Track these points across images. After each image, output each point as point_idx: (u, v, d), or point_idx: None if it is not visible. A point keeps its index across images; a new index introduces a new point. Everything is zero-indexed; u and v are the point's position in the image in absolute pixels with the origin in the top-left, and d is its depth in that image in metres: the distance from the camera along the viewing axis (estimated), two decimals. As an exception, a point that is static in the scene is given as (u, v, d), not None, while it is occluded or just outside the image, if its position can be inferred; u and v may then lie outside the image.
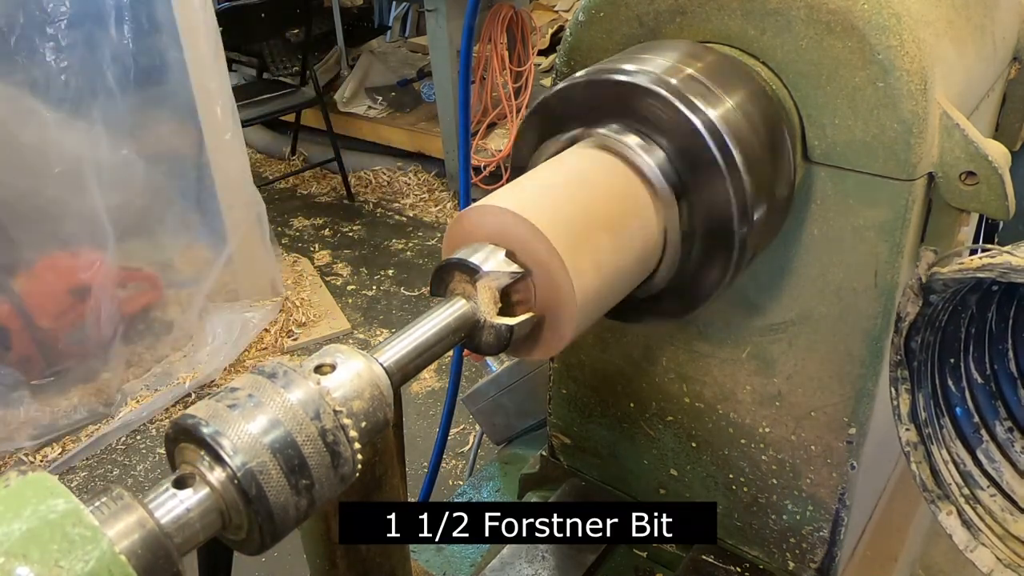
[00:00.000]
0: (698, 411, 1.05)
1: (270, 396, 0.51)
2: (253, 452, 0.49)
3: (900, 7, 0.77)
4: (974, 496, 0.86)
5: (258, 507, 0.49)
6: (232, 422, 0.49)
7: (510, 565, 1.09)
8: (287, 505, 0.50)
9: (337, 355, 0.56)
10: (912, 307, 0.79)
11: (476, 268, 0.64)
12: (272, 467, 0.49)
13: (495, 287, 0.64)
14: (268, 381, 0.52)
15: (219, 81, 3.16)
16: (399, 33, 6.03)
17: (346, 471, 0.53)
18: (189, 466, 0.50)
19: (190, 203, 3.32)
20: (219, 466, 0.49)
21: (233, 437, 0.49)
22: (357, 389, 0.55)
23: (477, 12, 1.40)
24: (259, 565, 2.50)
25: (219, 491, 0.49)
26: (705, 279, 0.76)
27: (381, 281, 4.05)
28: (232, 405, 0.50)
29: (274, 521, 0.50)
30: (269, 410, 0.50)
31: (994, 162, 0.77)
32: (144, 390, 3.17)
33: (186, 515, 0.48)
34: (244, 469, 0.48)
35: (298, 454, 0.50)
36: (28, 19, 2.74)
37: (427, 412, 3.07)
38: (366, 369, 0.56)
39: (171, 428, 0.51)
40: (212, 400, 0.51)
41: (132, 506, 0.46)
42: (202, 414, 0.50)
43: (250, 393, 0.51)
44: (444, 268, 0.66)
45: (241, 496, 0.48)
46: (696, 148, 0.72)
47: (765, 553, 1.08)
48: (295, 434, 0.50)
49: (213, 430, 0.49)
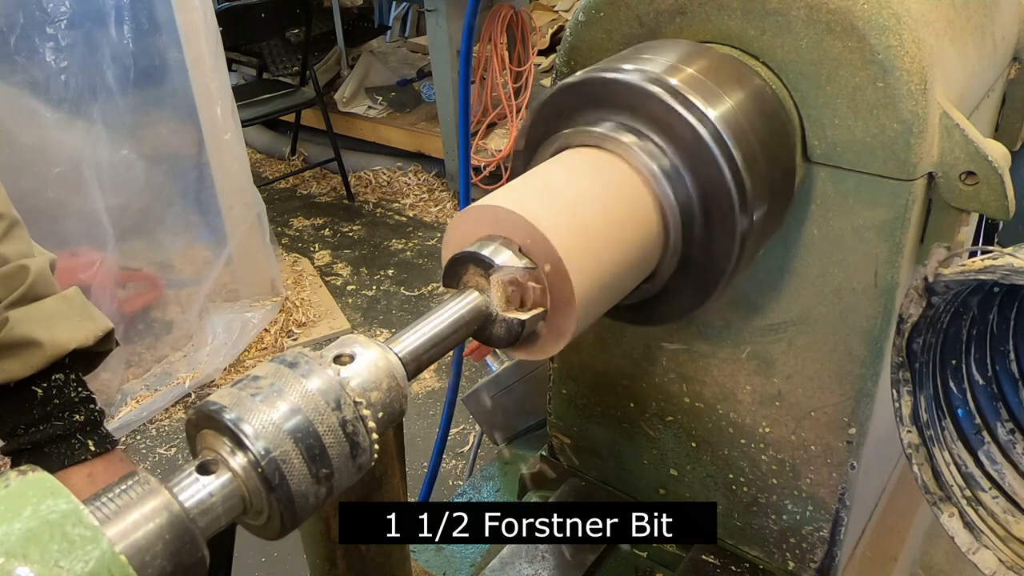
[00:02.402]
0: (698, 411, 1.05)
1: (291, 385, 0.52)
2: (275, 439, 0.49)
3: (900, 7, 0.77)
4: (976, 498, 0.86)
5: (280, 494, 0.49)
6: (254, 409, 0.50)
7: (510, 565, 1.09)
8: (307, 493, 0.51)
9: (355, 346, 0.57)
10: (915, 308, 0.79)
11: (490, 262, 0.65)
12: (294, 455, 0.50)
13: (507, 281, 0.65)
14: (289, 370, 0.53)
15: (219, 81, 3.16)
16: (399, 33, 6.04)
17: (363, 461, 0.54)
18: (211, 452, 0.50)
19: (190, 203, 3.32)
20: (241, 452, 0.49)
21: (255, 424, 0.49)
22: (375, 379, 0.55)
23: (477, 12, 1.40)
24: (259, 565, 2.50)
25: (241, 477, 0.49)
26: (705, 279, 0.76)
27: (381, 281, 4.05)
28: (254, 393, 0.51)
29: (294, 508, 0.50)
30: (290, 398, 0.51)
31: (994, 162, 0.77)
32: (144, 390, 3.17)
33: (209, 500, 0.48)
34: (267, 456, 0.49)
35: (319, 443, 0.51)
36: (28, 19, 2.73)
37: (427, 412, 3.07)
38: (383, 359, 0.57)
39: (193, 414, 0.51)
40: (234, 388, 0.52)
41: (158, 490, 0.46)
42: (224, 401, 0.50)
43: (271, 381, 0.52)
44: (457, 261, 0.66)
45: (264, 483, 0.49)
46: (696, 148, 0.72)
47: (765, 553, 1.08)
48: (316, 423, 0.51)
49: (236, 417, 0.49)
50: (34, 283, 1.00)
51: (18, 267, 0.99)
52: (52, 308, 1.01)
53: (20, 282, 0.99)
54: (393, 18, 6.02)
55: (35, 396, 0.99)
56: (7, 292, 0.98)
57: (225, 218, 3.35)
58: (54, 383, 1.00)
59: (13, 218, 1.03)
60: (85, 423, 1.02)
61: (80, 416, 1.01)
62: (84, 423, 1.02)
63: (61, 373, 1.01)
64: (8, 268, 0.99)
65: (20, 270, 0.99)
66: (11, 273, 0.99)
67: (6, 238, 1.01)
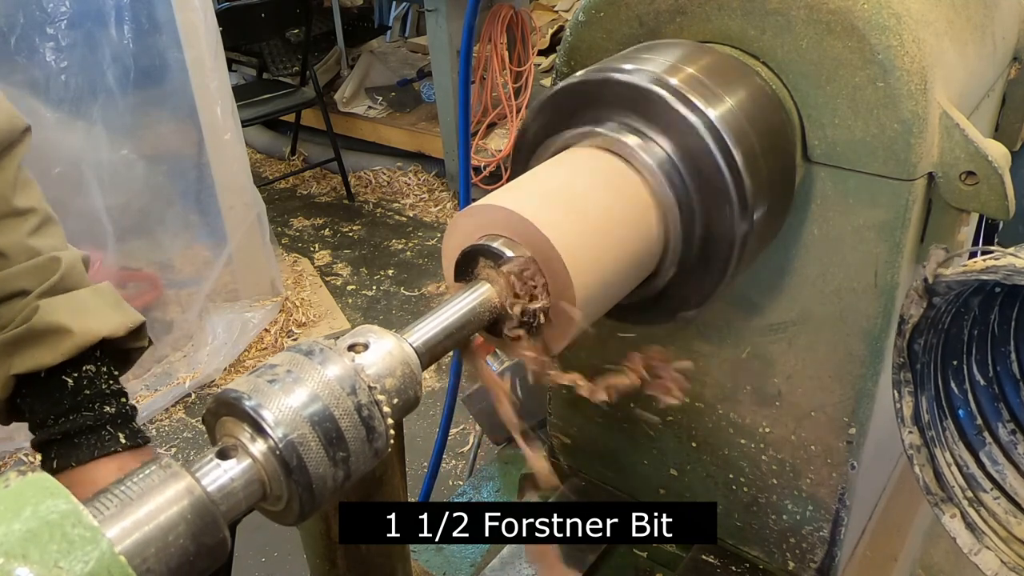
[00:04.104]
0: (698, 411, 1.05)
1: (308, 372, 0.53)
2: (294, 424, 0.50)
3: (900, 7, 0.77)
4: (977, 499, 0.86)
5: (298, 477, 0.50)
6: (273, 396, 0.51)
7: (510, 565, 1.09)
8: (325, 476, 0.52)
9: (370, 335, 0.58)
10: (916, 309, 0.79)
11: (501, 253, 0.65)
12: (312, 439, 0.51)
13: (518, 272, 0.65)
14: (305, 358, 0.54)
15: (219, 81, 3.16)
16: (399, 33, 6.04)
17: (379, 445, 0.55)
18: (231, 438, 0.51)
19: (190, 203, 3.32)
20: (261, 438, 0.50)
21: (274, 410, 0.50)
22: (389, 367, 0.57)
23: (477, 12, 1.40)
24: (259, 565, 2.50)
25: (261, 462, 0.50)
26: (705, 279, 0.76)
27: (381, 281, 4.05)
28: (272, 380, 0.52)
29: (313, 492, 0.51)
30: (308, 385, 0.52)
31: (994, 162, 0.77)
32: (144, 390, 3.17)
33: (230, 484, 0.49)
34: (285, 441, 0.50)
35: (335, 427, 0.52)
36: (28, 19, 2.73)
37: (427, 412, 3.07)
38: (397, 348, 0.58)
39: (213, 402, 0.52)
40: (252, 376, 0.53)
41: (180, 474, 0.47)
42: (244, 388, 0.51)
43: (289, 369, 0.53)
44: (469, 254, 0.67)
45: (282, 467, 0.50)
46: (696, 148, 0.72)
47: (765, 553, 1.08)
48: (332, 408, 0.52)
49: (255, 403, 0.50)
50: (65, 275, 1.00)
51: (50, 259, 1.00)
52: (83, 298, 1.01)
53: (51, 272, 0.99)
54: (393, 18, 6.02)
55: (65, 386, 0.98)
56: (39, 282, 0.98)
57: (225, 218, 3.35)
58: (85, 373, 0.99)
59: (47, 214, 1.04)
60: (116, 415, 1.01)
61: (111, 408, 1.00)
62: (115, 415, 1.01)
63: (92, 364, 1.00)
64: (40, 259, 0.99)
65: (52, 261, 1.00)
66: (43, 264, 0.99)
67: (38, 232, 1.01)
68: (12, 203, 1.00)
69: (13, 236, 0.99)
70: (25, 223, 1.01)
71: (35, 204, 1.02)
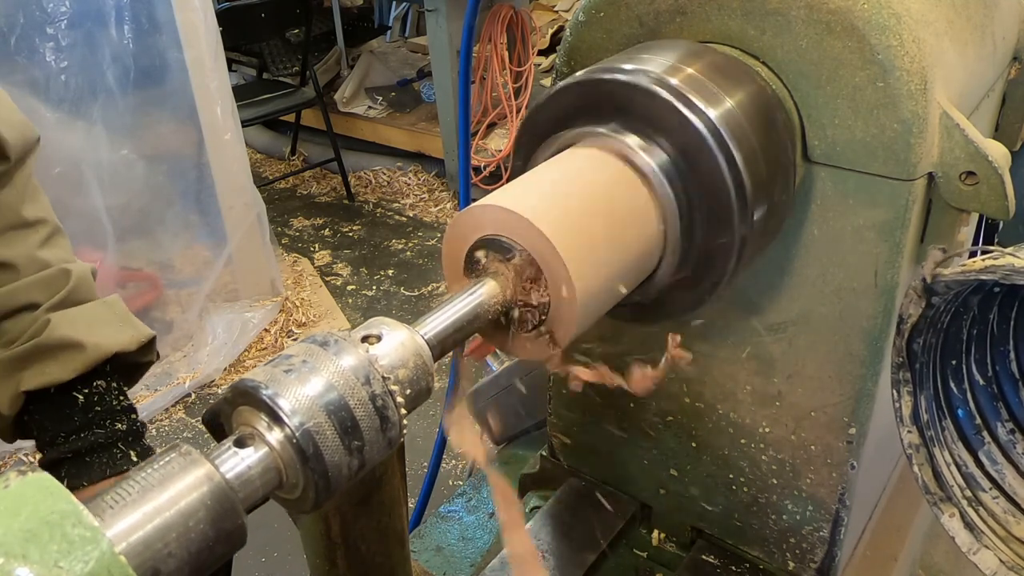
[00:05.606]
0: (698, 411, 1.05)
1: (323, 362, 0.54)
2: (310, 413, 0.51)
3: (900, 7, 0.77)
4: (976, 498, 0.86)
5: (315, 465, 0.51)
6: (289, 385, 0.52)
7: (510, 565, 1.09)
8: (340, 465, 0.52)
9: (382, 327, 0.59)
10: (915, 309, 0.79)
11: (511, 247, 0.66)
12: (327, 428, 0.51)
13: (527, 263, 0.66)
14: (320, 349, 0.55)
15: (219, 81, 3.16)
16: (399, 33, 6.04)
17: (393, 435, 0.56)
18: (248, 427, 0.52)
19: (190, 203, 3.32)
20: (277, 426, 0.51)
21: (291, 399, 0.51)
22: (402, 358, 0.57)
23: (477, 12, 1.40)
24: (259, 565, 2.50)
25: (277, 450, 0.51)
26: (705, 279, 0.76)
27: (381, 281, 4.05)
28: (288, 370, 0.53)
29: (328, 479, 0.52)
30: (323, 375, 0.53)
31: (994, 162, 0.77)
32: (144, 390, 3.17)
33: (247, 472, 0.50)
34: (302, 429, 0.50)
35: (351, 416, 0.53)
36: (28, 19, 2.74)
37: (427, 412, 3.07)
38: (410, 340, 0.59)
39: (229, 392, 0.53)
40: (268, 366, 0.54)
41: (200, 461, 0.48)
42: (261, 378, 0.52)
43: (304, 359, 0.54)
44: (477, 247, 0.67)
45: (299, 455, 0.51)
46: (696, 148, 0.72)
47: (765, 553, 1.08)
48: (348, 398, 0.53)
49: (272, 392, 0.51)
50: (76, 287, 0.99)
51: (60, 271, 0.98)
52: (94, 312, 0.99)
53: (62, 286, 0.98)
54: (393, 18, 6.02)
55: (76, 402, 0.96)
56: (49, 295, 0.97)
57: (225, 218, 3.35)
58: (95, 389, 0.98)
59: (55, 225, 1.03)
60: (127, 433, 0.99)
61: (122, 425, 0.99)
62: (127, 432, 0.99)
63: (103, 380, 0.98)
64: (50, 272, 0.98)
65: (62, 274, 0.98)
66: (53, 276, 0.98)
67: (48, 244, 1.00)
68: (22, 214, 0.98)
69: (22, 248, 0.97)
70: (35, 234, 0.99)
71: (44, 215, 1.01)
